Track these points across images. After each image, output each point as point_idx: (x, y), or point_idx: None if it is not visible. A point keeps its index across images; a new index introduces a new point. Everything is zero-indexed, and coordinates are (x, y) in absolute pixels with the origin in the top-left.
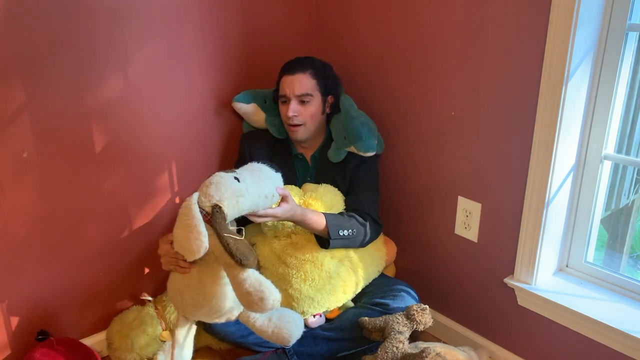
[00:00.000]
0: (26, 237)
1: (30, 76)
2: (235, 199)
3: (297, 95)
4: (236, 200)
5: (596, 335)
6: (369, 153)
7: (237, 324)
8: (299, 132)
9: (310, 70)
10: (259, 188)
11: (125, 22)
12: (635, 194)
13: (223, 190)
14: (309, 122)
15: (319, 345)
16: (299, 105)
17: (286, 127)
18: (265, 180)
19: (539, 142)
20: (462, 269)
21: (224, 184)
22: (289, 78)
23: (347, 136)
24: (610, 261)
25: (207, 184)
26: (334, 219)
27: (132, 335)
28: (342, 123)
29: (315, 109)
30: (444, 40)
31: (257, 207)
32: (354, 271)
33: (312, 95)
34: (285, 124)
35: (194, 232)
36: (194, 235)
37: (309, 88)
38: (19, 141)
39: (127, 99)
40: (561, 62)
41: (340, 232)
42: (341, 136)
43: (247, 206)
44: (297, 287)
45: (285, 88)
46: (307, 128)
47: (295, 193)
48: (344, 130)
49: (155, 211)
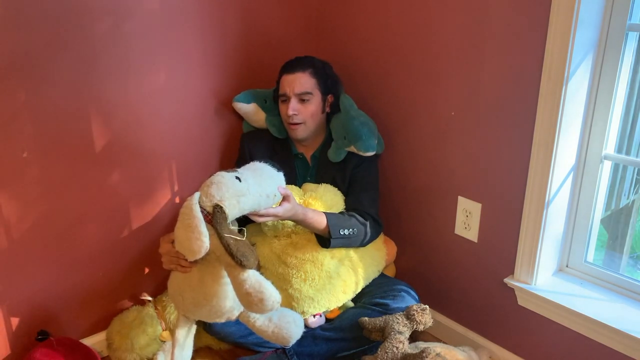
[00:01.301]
0: (26, 237)
1: (30, 76)
2: (236, 198)
3: (297, 94)
4: (237, 200)
5: (596, 335)
6: (369, 153)
7: (237, 324)
8: (299, 131)
9: (310, 69)
10: (261, 187)
11: (125, 21)
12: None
13: (224, 190)
14: (309, 121)
15: (319, 345)
16: (298, 104)
17: (286, 125)
18: (267, 180)
19: (539, 142)
20: (462, 269)
21: (225, 184)
22: (289, 77)
23: (347, 136)
24: (610, 261)
25: (209, 183)
26: (334, 218)
27: (132, 335)
28: (342, 122)
29: (315, 108)
30: (444, 40)
31: (258, 206)
32: (354, 271)
33: (311, 93)
34: (285, 123)
35: (194, 232)
36: (195, 236)
37: (308, 87)
38: (19, 141)
39: (127, 99)
40: (561, 62)
41: (340, 232)
42: (341, 136)
43: (249, 206)
44: (297, 287)
45: (285, 87)
46: (307, 127)
47: (296, 193)
48: (344, 129)
49: (155, 211)
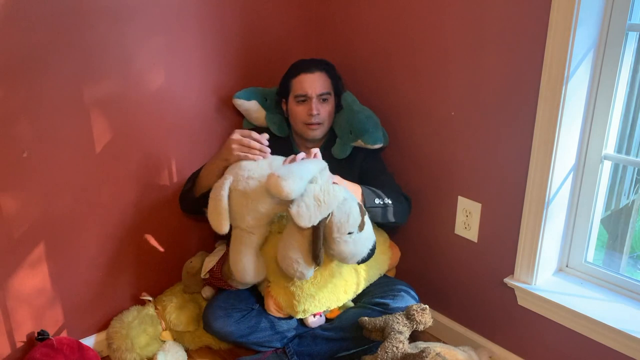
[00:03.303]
0: (26, 236)
1: (31, 76)
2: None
3: (319, 94)
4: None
5: (596, 335)
6: (377, 145)
7: (237, 324)
8: (318, 131)
9: (326, 69)
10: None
11: (125, 21)
12: (635, 194)
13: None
14: (326, 121)
15: (319, 345)
16: (320, 103)
17: (302, 126)
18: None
19: (539, 142)
20: (462, 269)
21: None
22: (308, 77)
23: (353, 130)
24: (610, 261)
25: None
26: (368, 189)
27: (132, 335)
28: (346, 118)
29: (331, 108)
30: (443, 40)
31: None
32: (357, 271)
33: (330, 94)
34: (300, 123)
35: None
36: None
37: (328, 86)
38: (19, 141)
39: (127, 98)
40: (561, 62)
41: (375, 201)
42: (346, 131)
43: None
44: (298, 284)
45: (305, 87)
46: (324, 127)
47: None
48: (349, 124)
49: (156, 210)
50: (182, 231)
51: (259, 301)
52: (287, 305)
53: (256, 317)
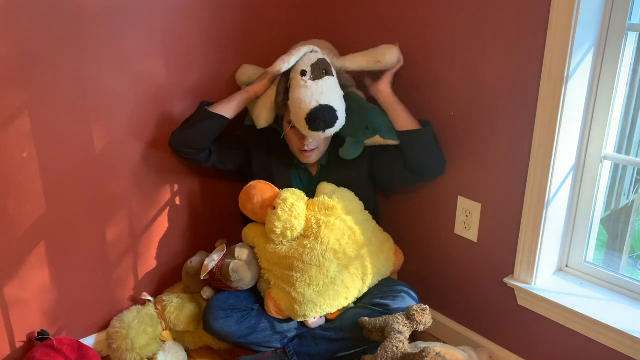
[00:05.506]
0: (26, 236)
1: (30, 76)
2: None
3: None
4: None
5: (596, 335)
6: (395, 141)
7: (237, 324)
8: (314, 156)
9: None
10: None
11: (125, 21)
12: (635, 194)
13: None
14: (322, 145)
15: (319, 345)
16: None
17: (296, 151)
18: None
19: (539, 142)
20: (462, 269)
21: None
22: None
23: (370, 126)
24: (610, 261)
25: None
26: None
27: (132, 335)
28: (357, 115)
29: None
30: (443, 40)
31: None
32: (360, 278)
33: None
34: (295, 148)
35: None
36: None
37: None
38: (19, 141)
39: (127, 98)
40: (561, 62)
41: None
42: (361, 127)
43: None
44: (300, 290)
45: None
46: (319, 151)
47: (298, 197)
48: (363, 121)
49: (156, 210)
50: (182, 231)
51: (259, 301)
52: (288, 308)
53: (256, 317)
